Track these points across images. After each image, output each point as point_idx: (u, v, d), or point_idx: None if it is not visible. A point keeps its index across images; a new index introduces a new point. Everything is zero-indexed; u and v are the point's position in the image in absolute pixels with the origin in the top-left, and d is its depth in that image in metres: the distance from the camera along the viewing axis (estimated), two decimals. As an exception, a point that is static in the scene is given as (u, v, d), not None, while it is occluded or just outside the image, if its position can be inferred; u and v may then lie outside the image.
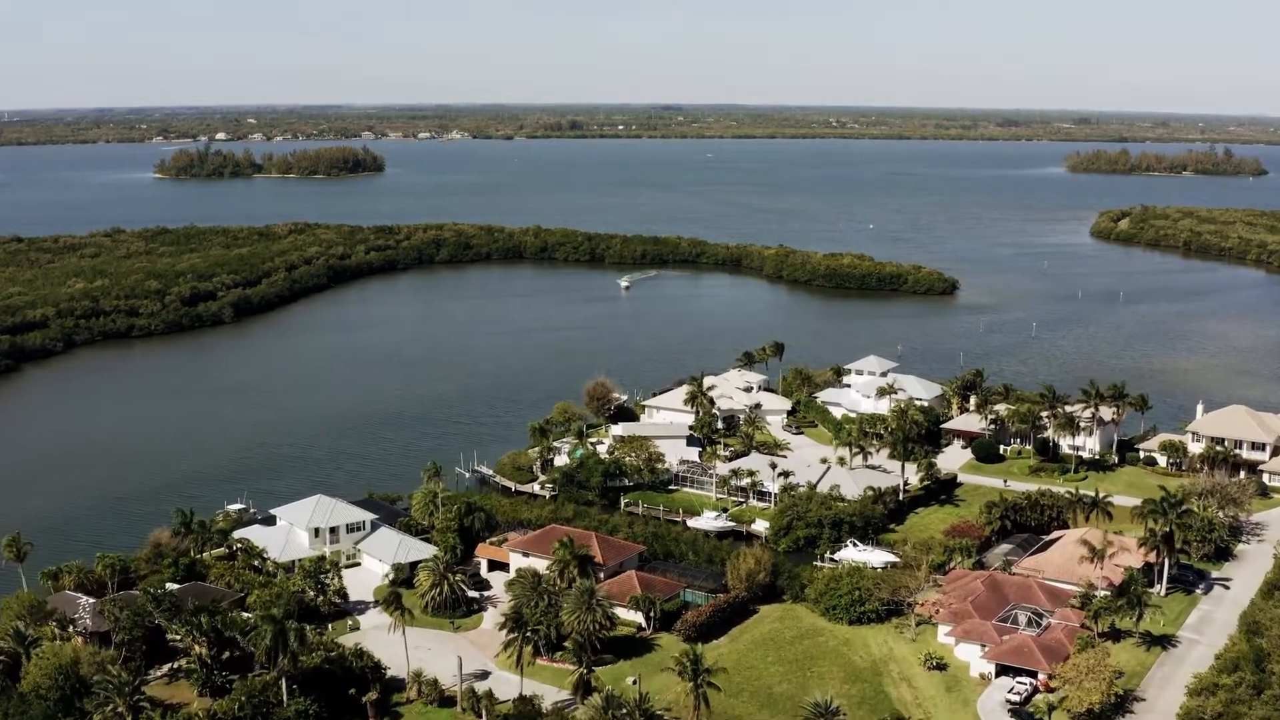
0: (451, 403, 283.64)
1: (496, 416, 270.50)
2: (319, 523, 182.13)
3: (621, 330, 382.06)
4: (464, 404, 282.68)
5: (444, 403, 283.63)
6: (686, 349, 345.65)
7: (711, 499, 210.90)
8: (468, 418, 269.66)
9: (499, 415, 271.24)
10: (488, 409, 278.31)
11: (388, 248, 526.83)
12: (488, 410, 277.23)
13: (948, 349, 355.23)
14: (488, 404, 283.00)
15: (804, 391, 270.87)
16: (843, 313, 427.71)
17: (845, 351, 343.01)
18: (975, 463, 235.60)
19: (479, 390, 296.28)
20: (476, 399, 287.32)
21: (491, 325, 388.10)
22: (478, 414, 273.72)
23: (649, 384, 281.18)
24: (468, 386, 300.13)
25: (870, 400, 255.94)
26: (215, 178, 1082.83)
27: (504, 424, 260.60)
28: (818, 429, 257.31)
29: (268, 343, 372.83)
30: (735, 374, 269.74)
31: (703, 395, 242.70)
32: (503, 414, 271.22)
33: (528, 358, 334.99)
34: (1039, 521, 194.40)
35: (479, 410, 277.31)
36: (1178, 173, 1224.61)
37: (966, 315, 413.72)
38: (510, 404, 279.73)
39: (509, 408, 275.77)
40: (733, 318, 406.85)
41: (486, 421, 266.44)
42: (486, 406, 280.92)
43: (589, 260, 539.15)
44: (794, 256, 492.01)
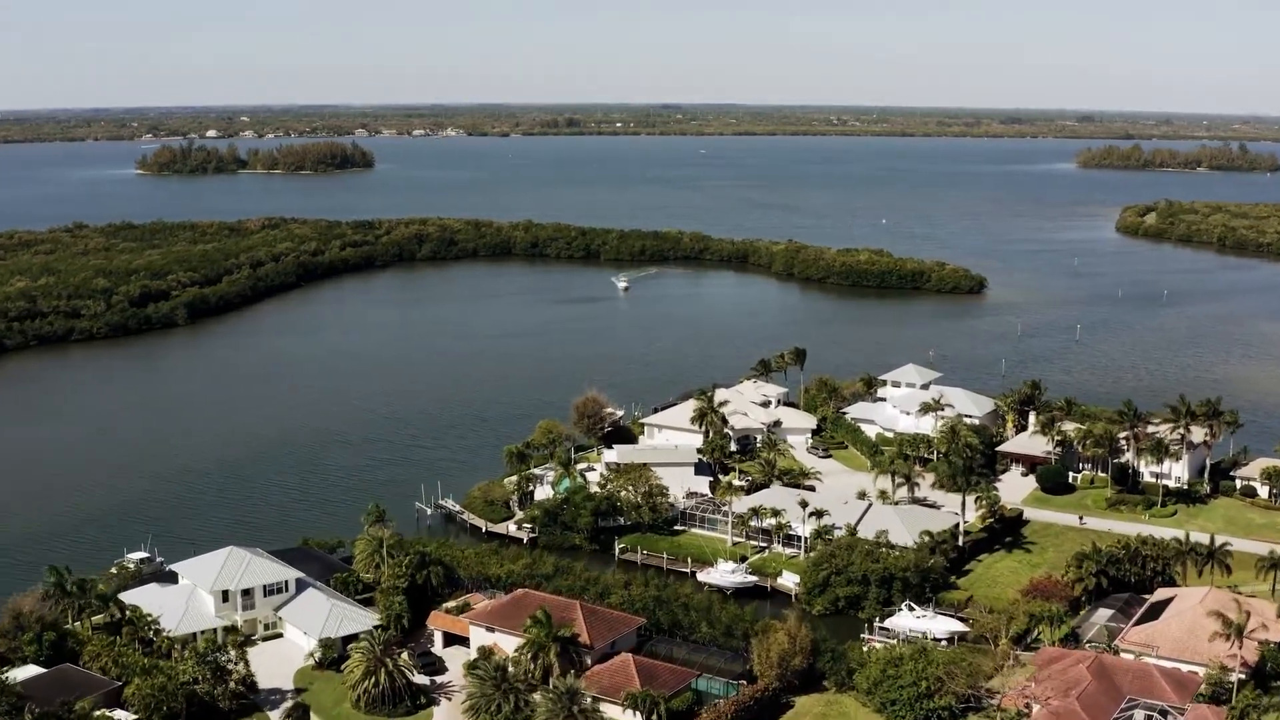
0: (417, 421, 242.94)
1: (468, 438, 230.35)
2: (228, 583, 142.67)
3: (618, 335, 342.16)
4: (431, 422, 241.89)
5: (408, 420, 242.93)
6: (692, 356, 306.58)
7: (726, 544, 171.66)
8: (434, 439, 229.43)
9: (471, 436, 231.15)
10: (459, 429, 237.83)
11: (365, 244, 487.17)
12: (458, 430, 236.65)
13: (983, 354, 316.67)
14: (459, 422, 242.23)
15: (830, 406, 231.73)
16: (862, 314, 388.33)
17: (871, 358, 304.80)
18: (1041, 494, 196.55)
19: (450, 405, 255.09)
20: (446, 416, 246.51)
21: (471, 329, 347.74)
22: (446, 435, 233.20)
23: (649, 398, 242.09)
24: (438, 401, 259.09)
25: (910, 417, 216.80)
26: (198, 174, 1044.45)
27: (476, 447, 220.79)
28: (848, 451, 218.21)
29: (219, 349, 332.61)
30: (750, 386, 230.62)
31: (713, 413, 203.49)
32: (476, 435, 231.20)
33: (509, 367, 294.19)
34: (1139, 576, 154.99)
35: (448, 430, 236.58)
36: (1192, 169, 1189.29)
37: (999, 316, 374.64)
38: (485, 422, 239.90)
39: (483, 427, 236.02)
40: (742, 320, 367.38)
41: (455, 445, 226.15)
42: (457, 425, 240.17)
43: (583, 257, 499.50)
44: (805, 252, 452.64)
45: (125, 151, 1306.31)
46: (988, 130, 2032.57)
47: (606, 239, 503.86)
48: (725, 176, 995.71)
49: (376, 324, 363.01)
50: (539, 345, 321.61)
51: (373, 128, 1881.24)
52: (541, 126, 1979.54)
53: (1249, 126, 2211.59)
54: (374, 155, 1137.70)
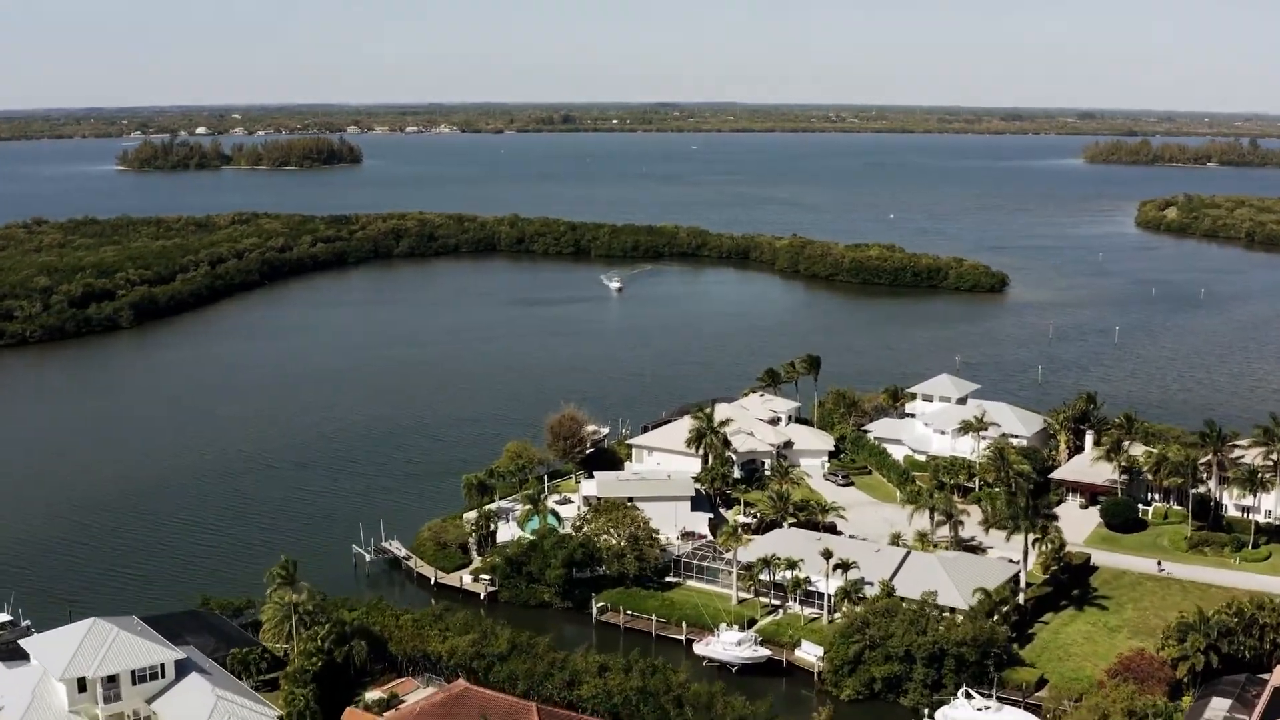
0: (362, 442, 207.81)
1: (422, 463, 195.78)
2: (86, 668, 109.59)
3: (607, 340, 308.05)
4: (380, 444, 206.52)
5: (352, 442, 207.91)
6: (689, 364, 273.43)
7: (730, 601, 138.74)
8: (381, 466, 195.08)
9: (426, 461, 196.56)
10: (411, 451, 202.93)
11: (339, 239, 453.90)
12: (411, 454, 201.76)
13: (1013, 360, 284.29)
14: (413, 444, 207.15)
15: (850, 423, 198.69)
16: (876, 314, 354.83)
17: (891, 366, 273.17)
18: (1107, 531, 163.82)
19: (405, 424, 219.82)
20: (398, 437, 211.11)
21: (440, 333, 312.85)
22: (396, 460, 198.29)
23: (640, 413, 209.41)
24: (390, 418, 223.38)
25: (946, 437, 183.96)
26: (180, 169, 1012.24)
27: (431, 475, 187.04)
28: (872, 477, 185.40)
29: (160, 356, 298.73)
30: (756, 400, 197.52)
31: (712, 434, 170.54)
32: (432, 459, 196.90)
33: (479, 377, 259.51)
34: (1255, 649, 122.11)
35: (399, 454, 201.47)
36: (1202, 164, 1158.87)
37: (1024, 317, 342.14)
38: (443, 444, 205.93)
39: (441, 450, 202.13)
40: (744, 322, 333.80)
41: (406, 472, 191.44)
42: (410, 448, 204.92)
43: (572, 254, 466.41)
44: (811, 248, 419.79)
45: (109, 148, 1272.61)
46: (989, 127, 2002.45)
47: (598, 234, 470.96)
48: (721, 171, 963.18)
49: (335, 327, 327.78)
50: (516, 352, 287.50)
51: (365, 125, 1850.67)
52: (536, 123, 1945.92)
53: (1251, 124, 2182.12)
54: (361, 151, 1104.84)
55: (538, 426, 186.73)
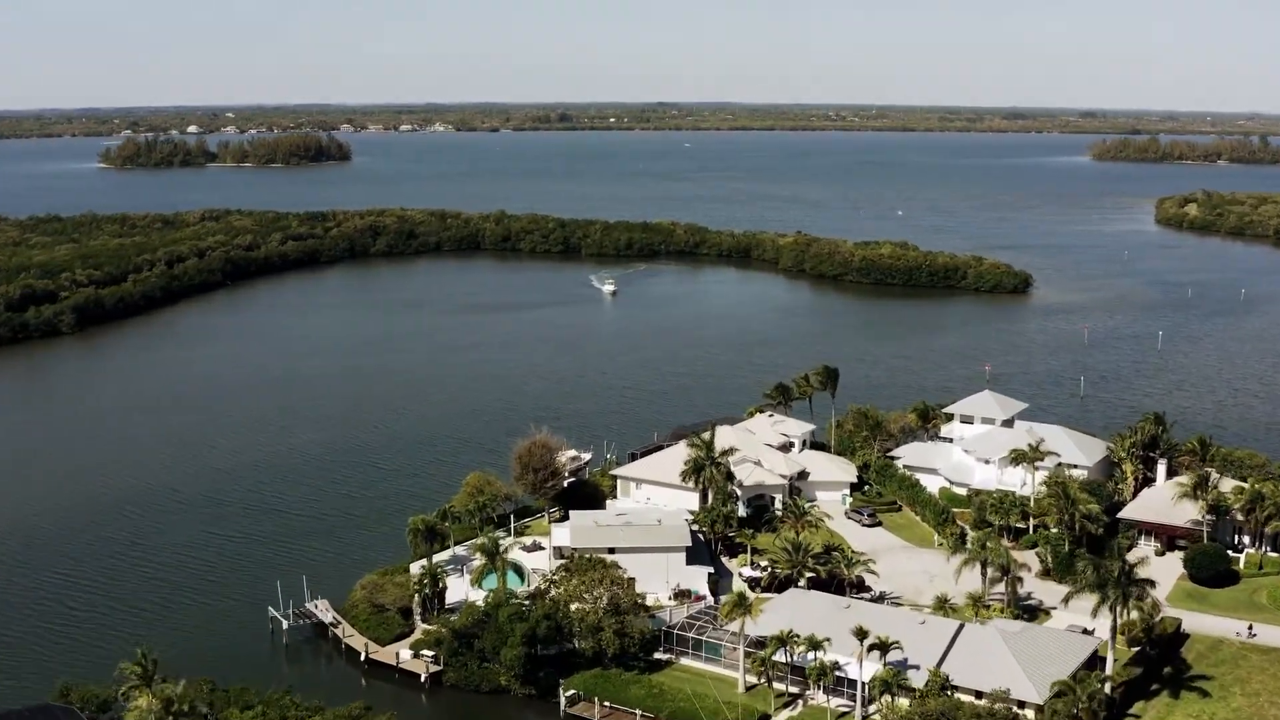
0: (301, 471, 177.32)
1: (362, 499, 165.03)
2: None
3: (595, 349, 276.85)
4: (320, 474, 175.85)
5: (287, 471, 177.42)
6: (685, 376, 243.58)
7: (736, 687, 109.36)
8: (316, 502, 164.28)
9: (367, 498, 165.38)
10: (351, 485, 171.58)
11: (312, 237, 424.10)
12: (350, 487, 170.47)
13: (1046, 371, 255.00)
14: (353, 476, 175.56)
15: (873, 448, 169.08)
16: (890, 318, 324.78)
17: (912, 376, 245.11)
18: (1193, 586, 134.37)
19: (352, 449, 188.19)
20: (343, 465, 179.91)
21: (409, 340, 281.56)
22: (336, 494, 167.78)
23: (628, 436, 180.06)
24: (336, 442, 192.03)
25: (991, 467, 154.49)
26: (164, 166, 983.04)
27: (372, 515, 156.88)
28: (902, 514, 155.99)
29: (97, 364, 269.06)
30: (764, 422, 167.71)
31: (713, 467, 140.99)
32: (375, 495, 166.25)
33: (447, 393, 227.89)
34: None
35: (340, 486, 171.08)
36: (1212, 161, 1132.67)
37: (1052, 320, 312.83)
38: (391, 475, 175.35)
39: (391, 482, 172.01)
40: (747, 326, 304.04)
41: (342, 513, 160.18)
42: (350, 481, 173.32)
43: (561, 252, 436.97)
44: (818, 246, 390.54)
45: (95, 146, 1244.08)
46: (990, 125, 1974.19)
47: (589, 232, 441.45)
48: (716, 169, 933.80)
49: (292, 332, 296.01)
50: (491, 362, 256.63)
51: (359, 123, 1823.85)
52: (533, 122, 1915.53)
53: (1254, 123, 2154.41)
54: (351, 148, 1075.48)
55: (507, 453, 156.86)
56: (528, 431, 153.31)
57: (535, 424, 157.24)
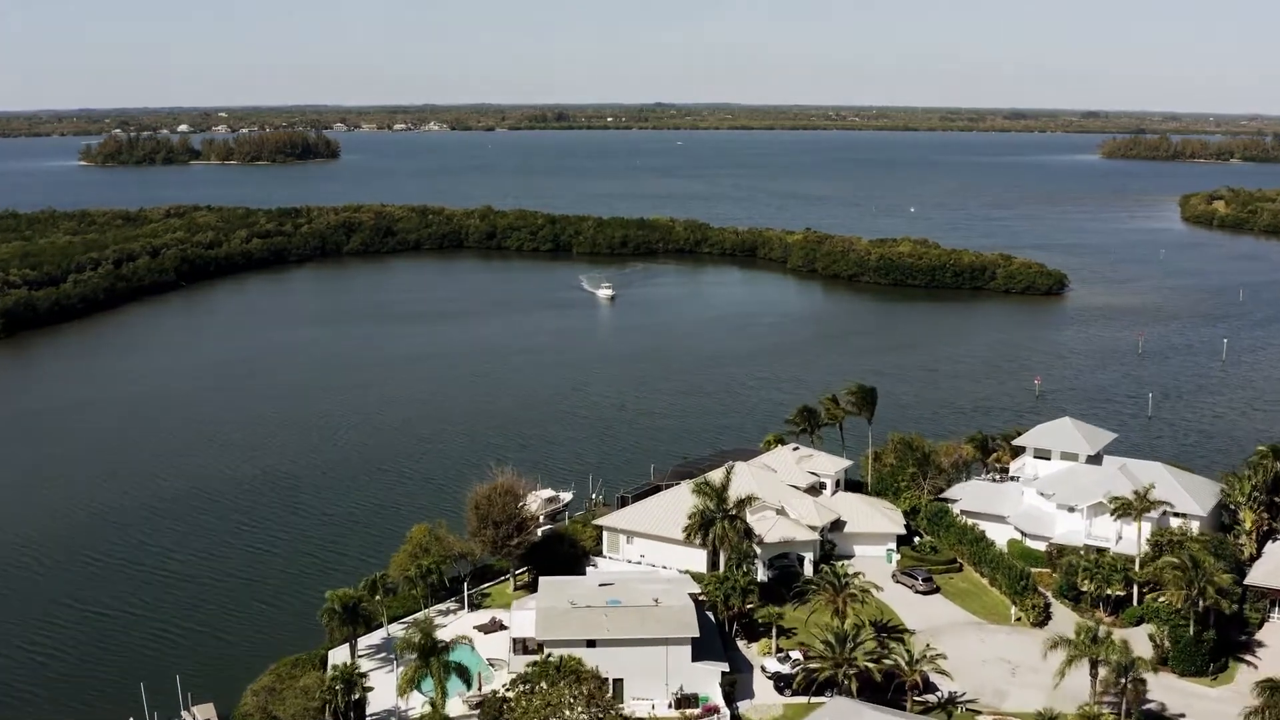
0: (195, 526, 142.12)
1: (269, 563, 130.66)
2: None
3: (580, 362, 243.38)
4: (217, 527, 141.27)
5: (180, 526, 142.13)
6: (688, 395, 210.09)
7: None
8: (209, 562, 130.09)
9: (275, 563, 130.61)
10: (264, 540, 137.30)
11: (279, 234, 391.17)
12: (263, 543, 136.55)
13: (1096, 385, 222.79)
14: (271, 528, 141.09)
15: (921, 488, 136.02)
16: (913, 322, 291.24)
17: (945, 391, 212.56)
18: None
19: (263, 493, 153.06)
20: (249, 516, 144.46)
21: (366, 352, 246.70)
22: (239, 551, 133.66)
23: (618, 473, 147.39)
24: (245, 482, 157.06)
25: (1077, 516, 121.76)
26: (146, 164, 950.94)
27: (280, 587, 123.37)
28: (963, 574, 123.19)
29: (6, 379, 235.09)
30: (788, 456, 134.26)
31: (727, 524, 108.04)
32: (293, 555, 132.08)
33: (401, 418, 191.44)
34: None
35: (243, 543, 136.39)
36: (1225, 160, 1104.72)
37: (1094, 327, 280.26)
38: (315, 525, 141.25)
39: (312, 533, 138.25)
40: (756, 333, 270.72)
41: (239, 580, 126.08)
42: (265, 534, 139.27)
43: (551, 250, 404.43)
44: (829, 244, 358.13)
45: (80, 144, 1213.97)
46: (993, 125, 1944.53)
47: (580, 228, 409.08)
48: (713, 165, 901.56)
49: (237, 342, 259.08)
50: (456, 380, 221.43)
51: (353, 122, 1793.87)
52: (530, 121, 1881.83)
53: (1256, 123, 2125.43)
54: (340, 146, 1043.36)
55: (461, 500, 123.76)
56: (487, 472, 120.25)
57: (498, 463, 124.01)
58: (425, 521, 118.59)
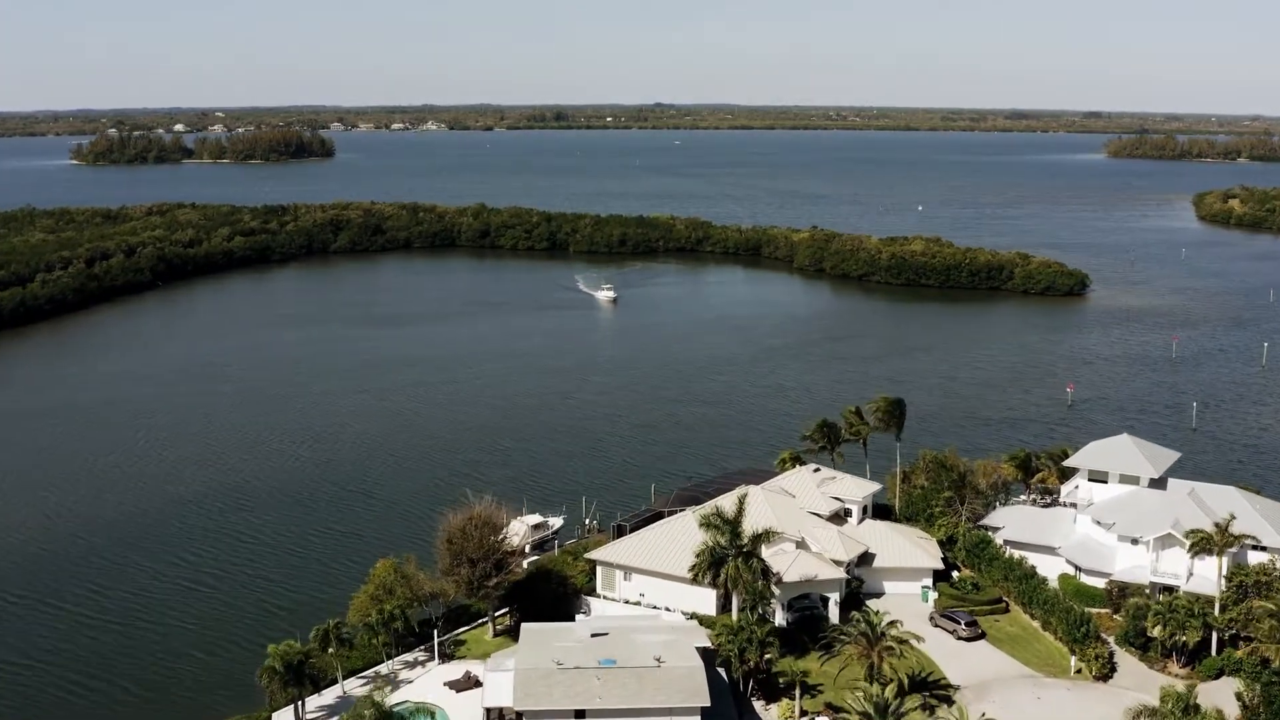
0: (122, 559, 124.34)
1: (215, 605, 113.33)
2: None
3: (574, 369, 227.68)
4: (154, 560, 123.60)
5: (104, 561, 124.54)
6: (692, 405, 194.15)
7: None
8: (142, 608, 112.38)
9: (224, 599, 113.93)
10: (208, 578, 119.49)
11: (264, 232, 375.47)
12: (206, 580, 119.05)
13: (1130, 393, 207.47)
14: (211, 563, 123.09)
15: (959, 514, 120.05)
16: (929, 324, 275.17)
17: (966, 400, 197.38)
18: None
19: (207, 518, 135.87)
20: (190, 547, 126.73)
21: (341, 359, 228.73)
22: (175, 592, 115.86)
23: (615, 496, 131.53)
24: (189, 506, 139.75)
25: (1140, 549, 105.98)
26: (138, 163, 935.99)
27: (225, 629, 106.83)
28: (1010, 615, 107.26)
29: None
30: (808, 478, 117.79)
31: (740, 563, 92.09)
32: (238, 597, 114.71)
33: (366, 441, 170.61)
34: None
35: (181, 582, 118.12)
36: (1232, 159, 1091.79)
37: (1120, 329, 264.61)
38: (264, 559, 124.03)
39: (260, 567, 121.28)
40: (765, 337, 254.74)
41: (176, 629, 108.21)
42: (204, 570, 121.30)
43: (547, 249, 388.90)
44: (838, 242, 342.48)
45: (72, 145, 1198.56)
46: (994, 125, 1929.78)
47: (577, 226, 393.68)
48: (709, 163, 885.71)
49: (195, 347, 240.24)
50: (435, 390, 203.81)
51: (350, 122, 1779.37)
52: (528, 120, 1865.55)
53: (1258, 124, 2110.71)
54: (334, 144, 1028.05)
55: (429, 534, 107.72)
56: (463, 499, 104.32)
57: (475, 490, 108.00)
58: (392, 555, 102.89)
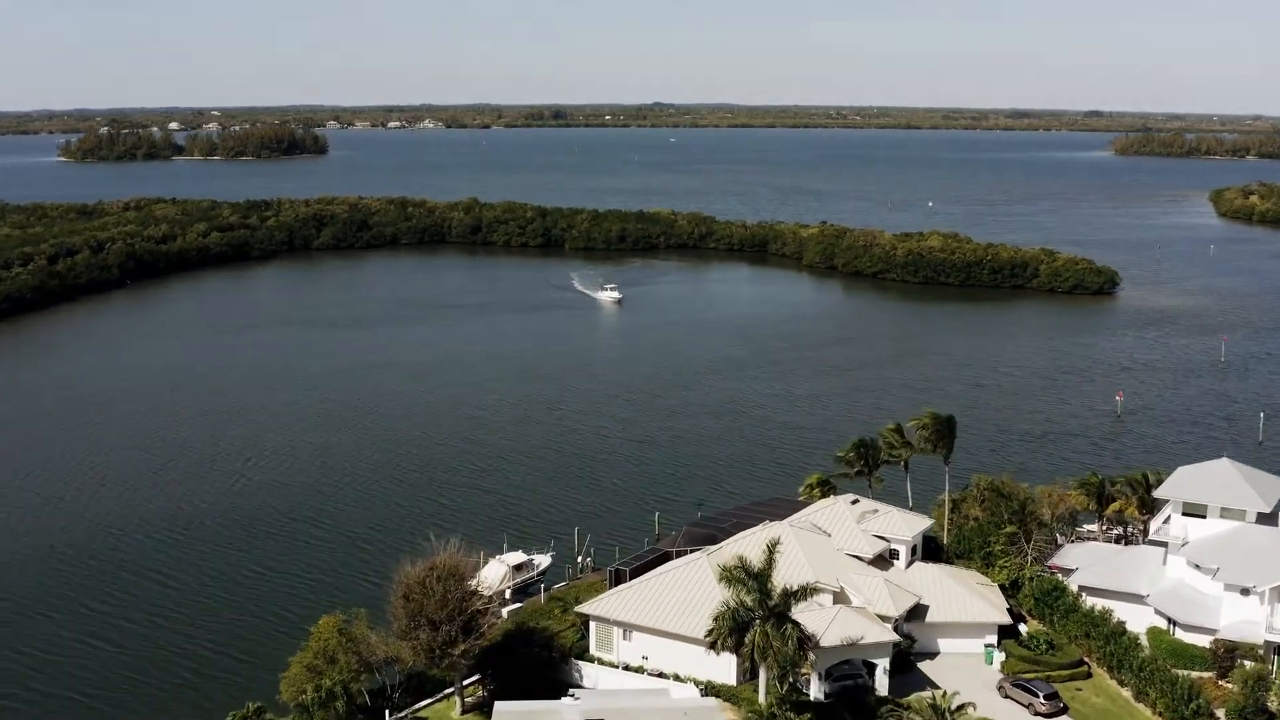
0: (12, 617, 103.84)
1: (113, 676, 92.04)
2: None
3: (565, 380, 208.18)
4: (40, 632, 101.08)
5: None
6: (700, 417, 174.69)
7: None
8: (40, 674, 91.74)
9: (123, 667, 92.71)
10: (102, 643, 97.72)
11: (244, 227, 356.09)
12: (109, 639, 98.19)
13: (1180, 403, 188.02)
14: (114, 625, 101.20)
15: (1024, 554, 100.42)
16: (951, 324, 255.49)
17: (1000, 412, 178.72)
18: None
19: (124, 574, 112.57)
20: (103, 608, 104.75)
21: (302, 369, 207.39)
22: (69, 657, 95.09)
23: (613, 531, 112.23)
24: (104, 555, 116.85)
25: (1254, 600, 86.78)
26: (126, 160, 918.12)
27: (123, 712, 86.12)
28: (1093, 681, 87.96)
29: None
30: (844, 509, 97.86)
31: (770, 632, 72.60)
32: (149, 657, 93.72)
33: (320, 462, 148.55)
34: None
35: (81, 642, 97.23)
36: (1241, 156, 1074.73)
37: (1158, 332, 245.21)
38: (182, 616, 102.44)
39: (181, 633, 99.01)
40: (769, 339, 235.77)
41: (75, 699, 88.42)
42: (109, 631, 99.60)
43: (542, 245, 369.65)
44: (850, 238, 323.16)
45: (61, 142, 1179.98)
46: (995, 124, 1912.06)
47: (574, 221, 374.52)
48: (706, 161, 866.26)
49: (150, 352, 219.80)
50: (405, 407, 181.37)
51: (346, 120, 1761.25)
52: (526, 119, 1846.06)
53: (1260, 124, 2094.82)
54: (328, 141, 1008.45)
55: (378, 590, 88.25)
56: (424, 541, 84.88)
57: (445, 524, 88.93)
58: (338, 610, 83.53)
